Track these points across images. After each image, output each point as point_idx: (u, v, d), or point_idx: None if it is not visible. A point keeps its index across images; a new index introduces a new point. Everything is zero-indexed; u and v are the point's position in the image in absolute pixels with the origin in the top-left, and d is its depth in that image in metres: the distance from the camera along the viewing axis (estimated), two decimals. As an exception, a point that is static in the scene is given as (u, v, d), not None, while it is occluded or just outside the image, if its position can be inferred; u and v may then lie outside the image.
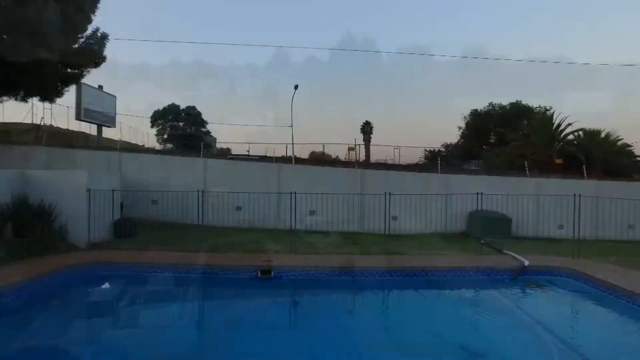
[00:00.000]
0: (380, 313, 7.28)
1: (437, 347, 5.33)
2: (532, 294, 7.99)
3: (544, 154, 30.84)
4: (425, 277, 8.20)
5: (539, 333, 5.80)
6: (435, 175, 15.51)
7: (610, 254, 10.42)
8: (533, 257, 9.31)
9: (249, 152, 33.46)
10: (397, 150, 34.77)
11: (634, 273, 8.13)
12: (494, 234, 12.56)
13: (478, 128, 45.61)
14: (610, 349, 5.63)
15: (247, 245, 10.63)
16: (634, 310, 6.57)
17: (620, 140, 32.51)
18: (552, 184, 15.41)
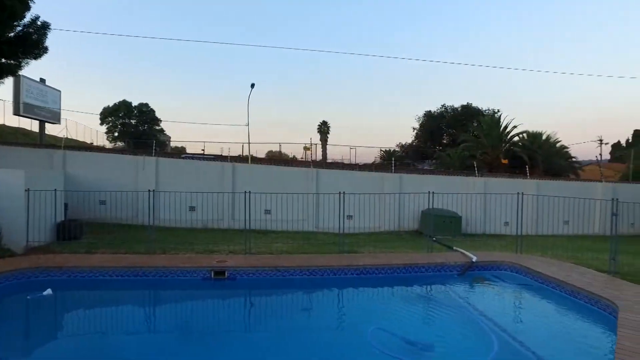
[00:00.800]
0: (333, 311, 7.31)
1: (387, 342, 5.43)
2: (479, 288, 8.34)
3: (492, 154, 32.35)
4: (378, 274, 8.35)
5: (484, 324, 6.06)
6: (389, 175, 15.87)
7: (549, 248, 11.08)
8: (480, 253, 9.73)
9: (204, 151, 32.75)
10: (354, 150, 35.32)
11: (568, 265, 8.69)
12: (445, 232, 13.04)
13: (431, 129, 47.10)
14: (547, 335, 6.00)
15: (201, 245, 10.39)
16: (567, 299, 7.07)
17: (558, 142, 34.73)
18: (499, 183, 16.19)
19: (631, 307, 5.89)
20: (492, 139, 32.56)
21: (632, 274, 7.95)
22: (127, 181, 14.06)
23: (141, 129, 42.89)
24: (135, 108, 43.07)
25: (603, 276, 7.84)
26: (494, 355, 4.97)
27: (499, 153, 32.22)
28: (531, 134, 34.13)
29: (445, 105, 48.28)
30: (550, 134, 34.39)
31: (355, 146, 36.18)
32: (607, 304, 6.25)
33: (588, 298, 6.73)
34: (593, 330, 6.09)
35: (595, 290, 6.76)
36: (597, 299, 6.53)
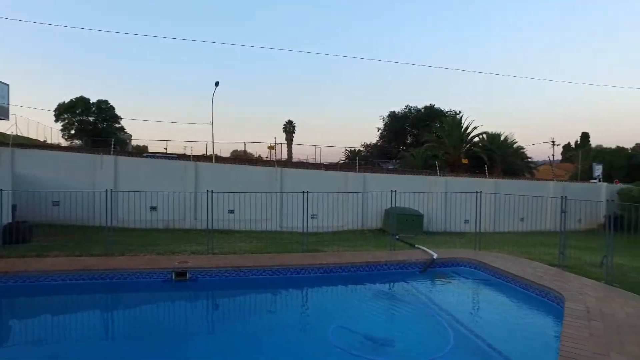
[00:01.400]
0: (296, 311, 7.32)
1: (348, 340, 5.50)
2: (439, 284, 8.56)
3: (454, 154, 33.36)
4: (342, 272, 8.43)
5: (442, 319, 6.24)
6: (353, 175, 16.04)
7: (506, 244, 11.53)
8: (441, 250, 10.01)
9: (166, 150, 31.93)
10: (319, 149, 35.44)
11: (522, 260, 9.09)
12: (408, 230, 13.31)
13: (396, 129, 47.92)
14: (501, 326, 6.29)
15: (162, 246, 10.14)
16: (521, 291, 7.41)
17: (515, 143, 36.20)
18: (459, 182, 16.71)
19: (576, 297, 6.25)
20: (453, 139, 33.57)
21: (578, 267, 8.42)
22: (84, 181, 13.51)
23: (100, 127, 41.22)
24: (93, 105, 41.32)
25: (553, 269, 8.25)
26: (450, 348, 5.13)
27: (460, 153, 33.27)
28: (490, 135, 35.43)
29: (409, 106, 49.27)
30: (508, 135, 35.85)
31: (320, 146, 36.25)
32: (555, 295, 6.59)
33: (539, 290, 7.07)
34: (542, 319, 6.42)
35: (545, 282, 7.12)
36: (547, 291, 6.87)
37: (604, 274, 7.47)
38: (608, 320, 5.29)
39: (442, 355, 4.92)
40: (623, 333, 4.88)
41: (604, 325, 5.12)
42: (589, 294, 6.53)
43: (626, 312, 5.68)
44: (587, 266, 8.61)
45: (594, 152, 41.30)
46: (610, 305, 5.93)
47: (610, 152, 39.21)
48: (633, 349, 4.41)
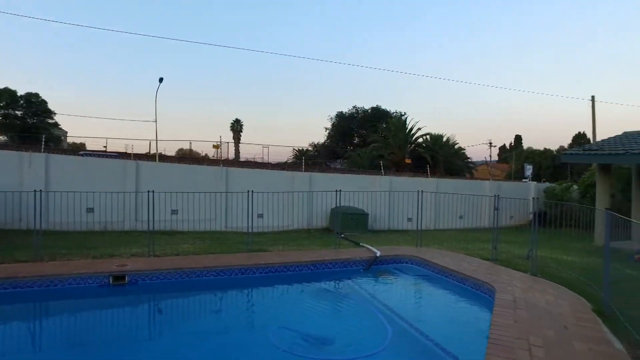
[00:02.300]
0: (240, 312, 7.21)
1: (289, 340, 5.53)
2: (382, 281, 8.82)
3: (399, 154, 34.41)
4: (287, 272, 8.44)
5: (384, 314, 6.45)
6: (299, 174, 16.10)
7: (445, 240, 12.10)
8: (384, 248, 10.31)
9: (106, 148, 30.32)
10: (266, 149, 35.28)
11: (460, 256, 9.59)
12: (353, 228, 13.57)
13: (343, 129, 48.62)
14: (438, 318, 6.64)
15: (99, 249, 9.62)
16: (457, 285, 7.82)
17: (457, 144, 37.99)
18: (403, 181, 17.28)
19: (505, 288, 6.70)
20: (398, 140, 34.63)
21: (508, 260, 9.03)
22: (9, 180, 12.49)
23: (29, 122, 38.35)
24: (21, 98, 38.34)
25: (486, 263, 8.78)
26: (388, 342, 5.31)
27: (405, 153, 34.39)
28: (433, 136, 36.93)
29: (356, 107, 50.21)
30: (450, 136, 37.55)
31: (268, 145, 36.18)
32: (487, 287, 7.01)
33: (473, 283, 7.49)
34: (475, 310, 6.81)
35: (479, 276, 7.55)
36: (480, 284, 7.30)
37: (530, 266, 8.06)
38: (531, 308, 5.73)
39: (381, 350, 5.09)
40: (542, 319, 5.30)
41: (527, 313, 5.54)
42: (516, 284, 7.01)
43: (546, 299, 6.18)
44: (516, 259, 9.23)
45: (525, 154, 44.32)
46: (533, 295, 6.42)
47: (539, 153, 42.26)
48: (548, 333, 4.83)
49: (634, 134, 16.22)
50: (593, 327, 5.15)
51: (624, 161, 14.26)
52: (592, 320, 5.41)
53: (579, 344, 4.58)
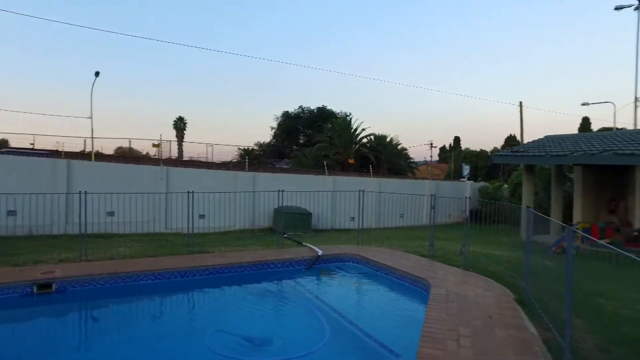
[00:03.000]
0: (178, 316, 7.00)
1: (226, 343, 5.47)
2: (323, 279, 8.93)
3: (344, 154, 34.94)
4: (228, 273, 8.32)
5: (324, 313, 6.55)
6: (242, 174, 15.91)
7: (386, 239, 12.49)
8: (327, 247, 10.46)
9: (33, 146, 28.16)
10: (211, 148, 34.46)
11: (399, 253, 9.94)
12: (297, 228, 13.63)
13: (289, 129, 48.60)
14: (377, 315, 6.85)
15: (22, 256, 8.92)
16: (396, 282, 8.10)
17: (400, 145, 39.22)
18: (346, 181, 17.59)
19: (439, 283, 7.04)
20: (343, 140, 35.15)
21: (444, 256, 9.49)
22: None
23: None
24: None
25: (424, 260, 9.17)
26: (327, 340, 5.40)
27: (350, 153, 34.98)
28: (377, 136, 37.86)
29: (302, 107, 50.34)
30: (393, 137, 38.67)
31: (213, 144, 35.31)
32: (423, 283, 7.33)
33: (411, 279, 7.80)
34: (412, 305, 7.10)
35: (416, 272, 7.88)
36: (417, 280, 7.61)
37: (463, 261, 8.53)
38: (461, 301, 6.07)
39: (319, 348, 5.17)
40: (471, 310, 5.65)
41: (458, 305, 5.87)
42: (449, 279, 7.40)
43: (475, 292, 6.58)
44: (452, 255, 9.72)
45: (463, 154, 46.74)
46: (464, 288, 6.81)
47: (476, 154, 44.74)
48: (476, 323, 5.15)
49: (555, 137, 17.65)
50: (513, 315, 5.56)
51: (545, 162, 15.48)
52: (513, 308, 5.84)
53: (500, 331, 4.93)
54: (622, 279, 3.95)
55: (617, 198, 15.12)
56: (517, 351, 4.39)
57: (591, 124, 47.23)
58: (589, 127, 46.57)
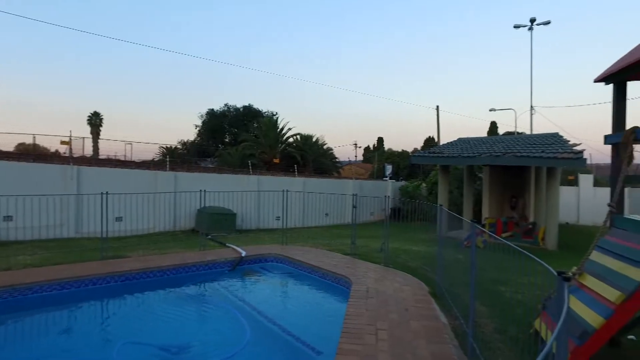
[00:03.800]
0: (87, 330, 6.33)
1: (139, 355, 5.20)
2: (247, 281, 8.79)
3: (270, 154, 34.75)
4: (146, 278, 7.89)
5: (246, 314, 6.47)
6: (163, 173, 15.18)
7: (310, 238, 12.64)
8: (251, 247, 10.35)
9: None
10: (130, 146, 32.37)
11: (322, 252, 10.12)
12: (221, 229, 13.31)
13: (214, 127, 47.29)
14: (300, 313, 6.92)
15: None
16: (319, 280, 8.25)
17: (325, 144, 39.89)
18: (271, 180, 17.51)
19: (360, 280, 7.29)
20: (269, 139, 34.94)
21: (365, 254, 9.84)
22: None
23: None
24: None
25: (346, 258, 9.42)
26: (246, 343, 5.34)
27: (276, 153, 34.88)
28: (303, 136, 38.14)
29: (228, 105, 49.22)
30: (319, 137, 39.19)
31: (132, 142, 33.09)
32: (345, 280, 7.54)
33: (333, 277, 7.98)
34: (334, 302, 7.25)
35: (339, 270, 8.08)
36: (339, 277, 7.81)
37: (383, 258, 8.91)
38: (380, 296, 6.34)
39: (239, 351, 5.09)
40: (389, 305, 5.92)
41: (377, 300, 6.12)
42: (370, 276, 7.69)
43: (394, 287, 6.91)
44: (373, 252, 10.10)
45: (386, 155, 48.74)
46: (383, 284, 7.12)
47: (398, 154, 46.89)
48: (393, 317, 5.42)
49: (466, 139, 19.07)
50: (427, 306, 5.93)
51: (458, 163, 16.67)
52: (427, 301, 6.23)
53: (415, 322, 5.23)
54: (516, 268, 4.40)
55: (516, 195, 16.74)
56: (429, 340, 4.68)
57: (498, 128, 51.82)
58: (496, 130, 51.04)
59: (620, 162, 4.51)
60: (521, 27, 25.77)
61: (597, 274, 4.35)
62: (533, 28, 25.39)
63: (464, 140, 19.07)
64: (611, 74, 4.76)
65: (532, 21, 25.25)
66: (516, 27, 25.93)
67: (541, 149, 13.81)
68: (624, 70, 4.55)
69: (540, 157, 12.85)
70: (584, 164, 12.99)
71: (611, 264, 4.27)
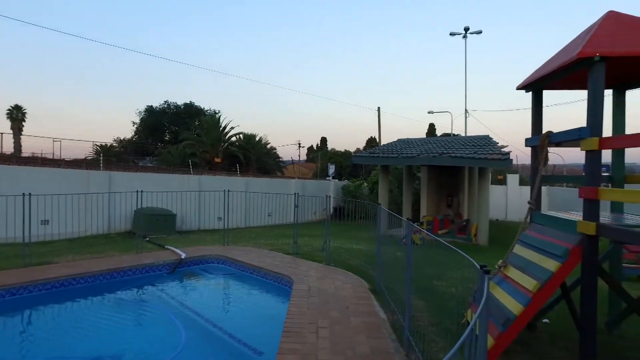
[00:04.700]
0: (8, 341, 5.81)
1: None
2: (186, 283, 8.54)
3: (212, 153, 33.98)
4: (76, 285, 7.41)
5: (185, 318, 6.29)
6: (96, 173, 14.34)
7: (253, 238, 12.53)
8: (192, 249, 10.08)
9: None
10: (58, 143, 30.21)
11: (265, 252, 10.07)
12: (160, 230, 12.82)
13: (153, 125, 45.37)
14: (241, 314, 6.85)
15: None
16: (261, 280, 8.22)
17: (269, 144, 39.68)
18: (212, 180, 17.12)
19: (302, 279, 7.35)
20: (212, 138, 34.16)
21: (307, 253, 9.92)
22: None
23: None
24: None
25: (288, 257, 9.45)
26: (182, 348, 5.18)
27: (218, 152, 34.16)
28: (247, 135, 37.69)
29: (168, 102, 47.47)
30: (262, 136, 38.93)
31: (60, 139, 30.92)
32: (287, 280, 7.57)
33: (275, 277, 7.97)
34: (276, 302, 7.25)
35: (280, 270, 8.08)
36: (281, 277, 7.82)
37: (325, 257, 9.03)
38: (322, 295, 6.44)
39: (175, 356, 4.94)
40: (330, 303, 6.03)
41: (319, 299, 6.21)
42: (312, 275, 7.77)
43: (335, 285, 7.04)
44: (315, 251, 10.21)
45: (329, 155, 49.40)
46: (325, 282, 7.23)
47: (341, 154, 47.74)
48: (334, 314, 5.53)
49: (406, 140, 19.81)
50: (367, 303, 6.10)
51: (397, 163, 17.28)
52: (367, 297, 6.41)
53: (355, 319, 5.37)
54: (450, 263, 4.67)
55: (452, 194, 17.66)
56: (369, 335, 4.83)
57: (436, 130, 54.37)
58: (435, 132, 53.54)
59: (538, 163, 4.92)
60: (456, 35, 27.18)
61: (519, 266, 4.72)
62: (467, 36, 26.88)
63: (403, 141, 19.79)
64: (529, 82, 5.17)
65: (466, 30, 26.72)
66: (452, 34, 27.31)
67: (474, 150, 14.69)
68: (540, 80, 4.96)
69: (473, 158, 13.66)
70: (510, 164, 13.99)
71: (530, 256, 4.66)
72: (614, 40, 4.05)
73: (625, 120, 5.37)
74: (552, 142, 4.85)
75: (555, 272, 4.09)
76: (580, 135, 4.16)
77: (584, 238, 4.13)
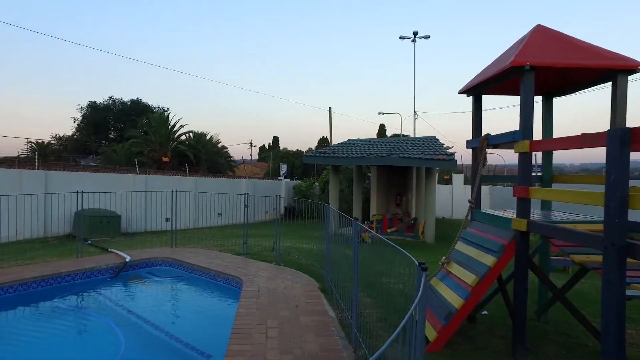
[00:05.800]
0: None
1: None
2: (131, 287, 8.20)
3: (161, 152, 32.82)
4: (5, 294, 6.84)
5: (127, 324, 6.05)
6: (30, 172, 13.43)
7: (202, 239, 12.25)
8: (138, 251, 9.70)
9: None
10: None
11: (214, 253, 9.90)
12: (103, 233, 12.24)
13: (97, 122, 43.08)
14: (187, 317, 6.71)
15: None
16: (210, 282, 8.07)
17: (220, 143, 38.95)
18: (160, 180, 16.57)
19: (251, 280, 7.30)
20: (160, 136, 32.98)
21: (258, 253, 9.87)
22: None
23: None
24: None
25: (239, 258, 9.34)
26: (122, 355, 4.99)
27: (167, 151, 33.05)
28: (197, 134, 36.73)
29: (113, 98, 45.22)
30: (213, 135, 38.15)
31: (-12, 135, 28.60)
32: (237, 281, 7.48)
33: (225, 279, 7.86)
34: (225, 304, 7.14)
35: (230, 271, 7.98)
36: (230, 278, 7.72)
37: (275, 257, 9.01)
38: (271, 295, 6.43)
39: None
40: (279, 303, 6.03)
41: (268, 299, 6.19)
42: (262, 275, 7.73)
43: (285, 285, 7.05)
44: (265, 251, 10.16)
45: (281, 154, 49.24)
46: (275, 282, 7.22)
47: (293, 154, 47.71)
48: (283, 314, 5.55)
49: (356, 140, 20.17)
50: (316, 302, 6.17)
51: (347, 163, 17.54)
52: (316, 296, 6.48)
53: (304, 318, 5.41)
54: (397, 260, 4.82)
55: (401, 193, 18.20)
56: (318, 334, 4.89)
57: (386, 130, 55.71)
58: (385, 132, 54.86)
59: (478, 164, 5.21)
60: (406, 39, 27.99)
61: (460, 262, 4.97)
62: (416, 40, 27.76)
63: (353, 141, 20.13)
64: (470, 87, 5.46)
65: (415, 34, 27.59)
66: (401, 38, 28.10)
67: (421, 150, 15.22)
68: (478, 85, 5.25)
69: (420, 158, 14.15)
70: (455, 165, 14.63)
71: (471, 252, 4.92)
72: (543, 52, 4.37)
73: (553, 125, 5.80)
74: (490, 144, 5.15)
75: (492, 267, 4.35)
76: (514, 138, 4.45)
77: (517, 234, 4.42)
